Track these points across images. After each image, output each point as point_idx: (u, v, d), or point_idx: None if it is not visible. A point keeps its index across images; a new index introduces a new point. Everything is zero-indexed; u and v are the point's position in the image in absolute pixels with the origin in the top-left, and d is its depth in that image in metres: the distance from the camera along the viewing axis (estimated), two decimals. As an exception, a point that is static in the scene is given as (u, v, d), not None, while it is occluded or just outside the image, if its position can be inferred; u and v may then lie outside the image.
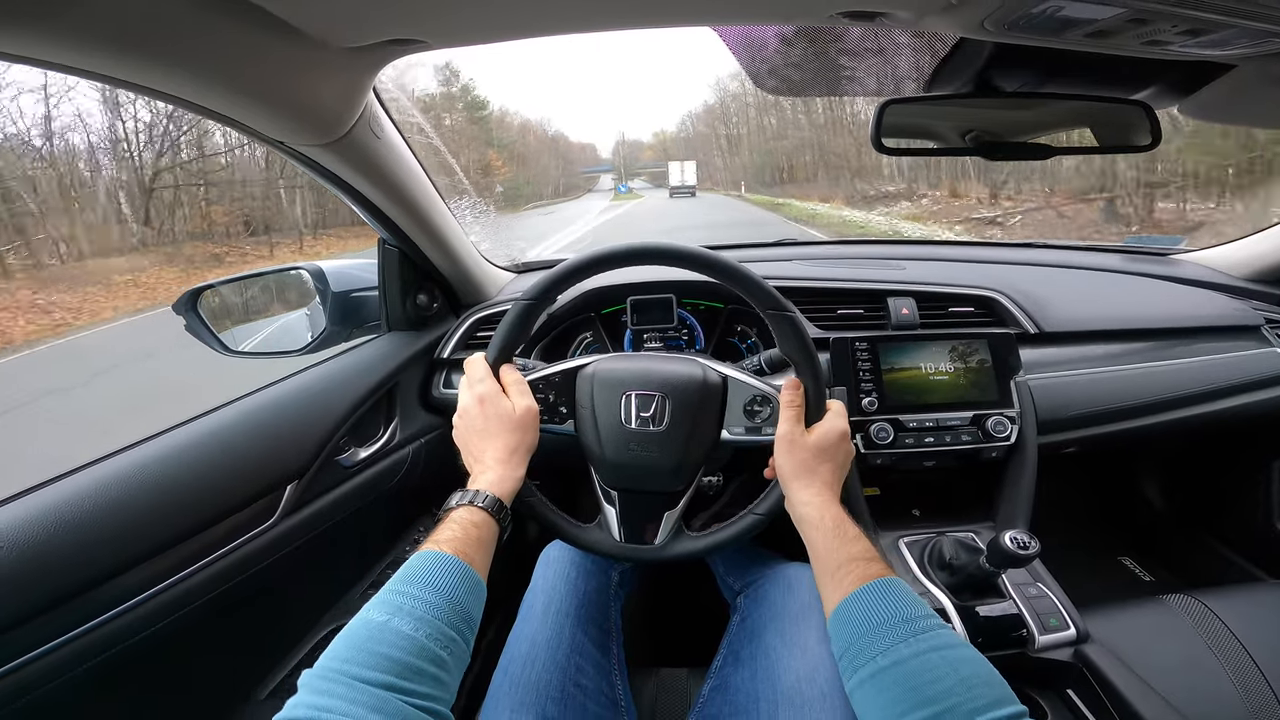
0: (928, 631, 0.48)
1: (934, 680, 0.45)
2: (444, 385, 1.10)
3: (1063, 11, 0.41)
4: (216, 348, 0.99)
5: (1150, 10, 0.38)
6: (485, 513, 0.58)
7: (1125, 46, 0.48)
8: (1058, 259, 1.23)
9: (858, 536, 0.59)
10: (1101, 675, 0.78)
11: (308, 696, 0.40)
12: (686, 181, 35.08)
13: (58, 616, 0.59)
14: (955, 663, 0.46)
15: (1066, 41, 0.47)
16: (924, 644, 0.47)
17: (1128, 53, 0.50)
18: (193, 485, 0.72)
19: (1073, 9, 0.40)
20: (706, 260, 0.67)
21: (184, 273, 14.11)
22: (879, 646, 0.48)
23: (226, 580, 0.74)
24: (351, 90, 0.68)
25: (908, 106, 0.64)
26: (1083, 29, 0.44)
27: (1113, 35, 0.45)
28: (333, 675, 0.41)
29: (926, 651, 0.47)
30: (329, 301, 1.00)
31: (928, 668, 0.46)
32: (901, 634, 0.48)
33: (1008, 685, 0.45)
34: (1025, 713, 0.43)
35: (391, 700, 0.40)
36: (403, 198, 0.89)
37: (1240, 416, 1.06)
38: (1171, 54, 0.49)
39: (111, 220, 16.01)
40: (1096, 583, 0.87)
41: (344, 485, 0.92)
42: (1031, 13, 0.42)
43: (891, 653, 0.47)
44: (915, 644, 0.47)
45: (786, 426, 0.66)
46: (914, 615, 0.50)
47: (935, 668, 0.45)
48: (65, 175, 16.49)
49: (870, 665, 0.48)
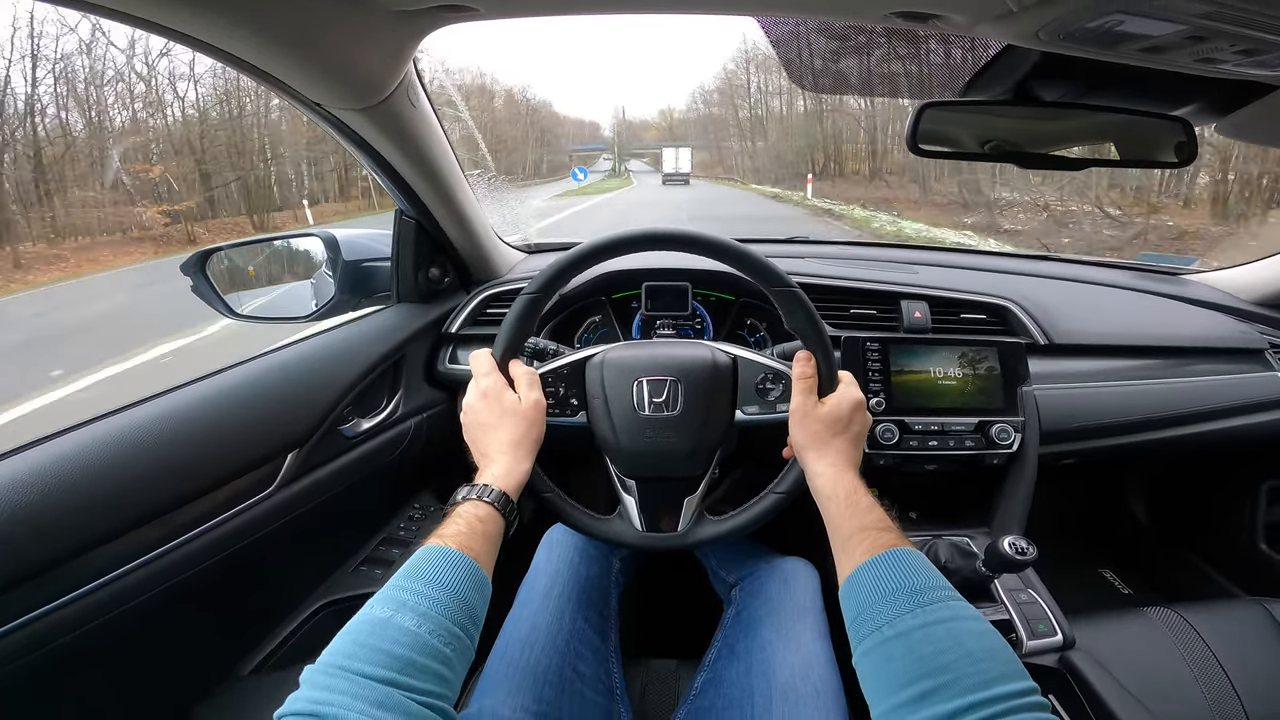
0: (937, 603, 0.47)
1: (938, 652, 0.43)
2: (449, 360, 1.09)
3: (1121, 26, 0.40)
4: (221, 310, 0.97)
5: (1213, 29, 0.37)
6: (491, 507, 0.57)
7: (1176, 63, 0.47)
8: (1070, 272, 1.23)
9: (871, 506, 0.58)
10: (1085, 681, 0.80)
11: (309, 692, 0.39)
12: (680, 168, 34.50)
13: (44, 584, 0.56)
14: (961, 635, 0.44)
15: (1118, 55, 0.46)
16: (931, 615, 0.46)
17: (1176, 69, 0.49)
18: (192, 450, 0.70)
19: (1132, 24, 0.40)
20: (711, 243, 0.67)
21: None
22: (885, 616, 0.47)
23: (219, 550, 0.72)
24: (395, 55, 0.66)
25: (946, 110, 0.64)
26: (1138, 44, 0.43)
27: (1167, 51, 0.44)
28: (335, 671, 0.40)
29: (933, 623, 0.45)
30: (339, 269, 0.99)
31: (932, 639, 0.44)
32: (909, 605, 0.47)
33: (1018, 660, 0.43)
34: (1034, 690, 0.41)
35: (395, 696, 0.39)
36: (429, 169, 0.88)
37: (1236, 437, 1.08)
38: (1220, 72, 0.49)
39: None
40: (1076, 592, 0.88)
41: (344, 456, 0.91)
42: (1088, 26, 0.42)
43: (897, 623, 0.46)
44: (922, 615, 0.46)
45: (799, 399, 0.65)
46: (923, 586, 0.48)
47: (940, 639, 0.44)
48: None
49: (876, 635, 0.47)
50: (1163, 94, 0.61)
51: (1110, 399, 1.03)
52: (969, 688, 0.40)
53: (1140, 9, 0.36)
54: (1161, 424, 1.04)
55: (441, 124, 0.87)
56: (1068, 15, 0.39)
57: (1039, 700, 0.40)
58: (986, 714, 0.39)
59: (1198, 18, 0.36)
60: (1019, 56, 0.56)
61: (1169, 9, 0.36)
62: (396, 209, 0.98)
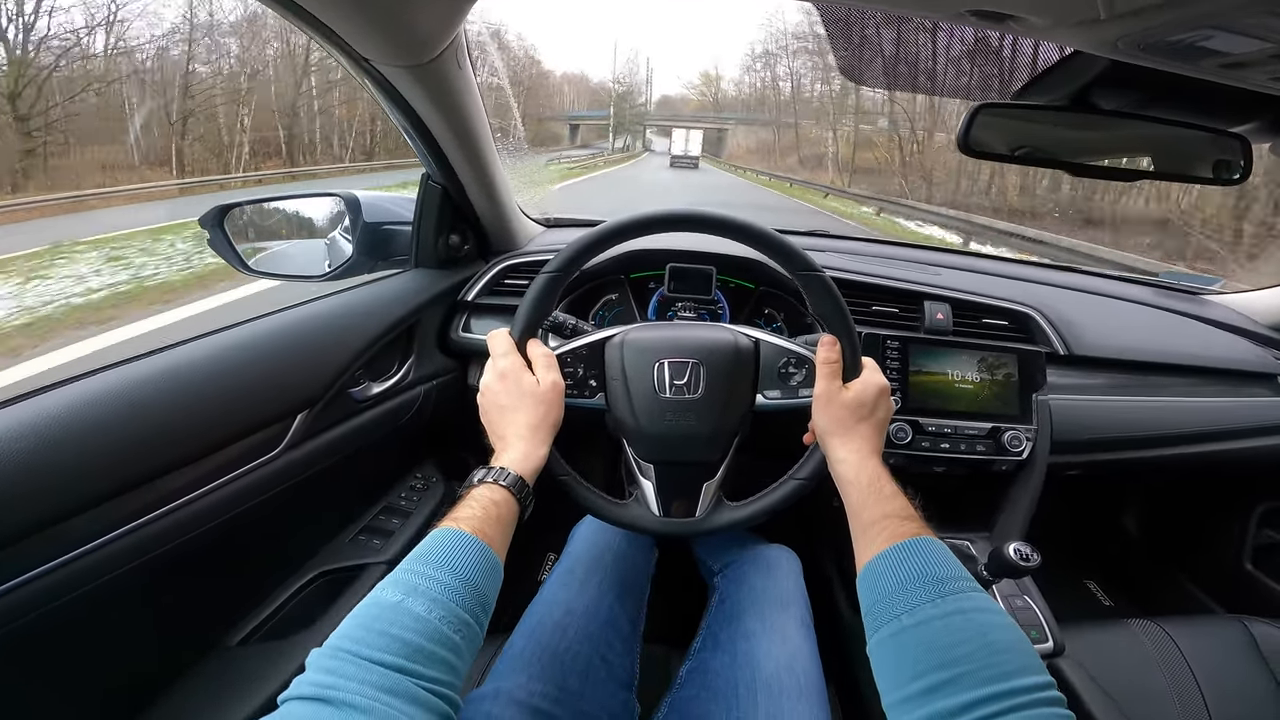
0: (958, 593, 0.46)
1: (957, 643, 0.42)
2: (463, 329, 1.08)
3: (1208, 41, 0.39)
4: (237, 265, 0.96)
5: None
6: (507, 491, 0.55)
7: (1250, 80, 0.46)
8: (1093, 285, 1.23)
9: (895, 494, 0.57)
10: (1071, 689, 0.82)
11: (315, 675, 0.38)
12: (690, 151, 33.91)
13: (28, 549, 0.52)
14: (983, 627, 0.43)
15: (1194, 69, 0.45)
16: (951, 605, 0.45)
17: (1248, 86, 0.48)
18: (198, 407, 0.66)
19: (1219, 40, 0.38)
20: (737, 226, 0.66)
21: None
22: (903, 605, 0.46)
23: (220, 514, 0.69)
24: (451, 13, 0.64)
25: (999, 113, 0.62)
26: (1218, 60, 0.42)
27: (1245, 68, 0.43)
28: (343, 655, 0.39)
29: (953, 613, 0.44)
30: (359, 231, 0.97)
31: (952, 629, 0.43)
32: (929, 594, 0.46)
33: (1036, 655, 0.43)
34: (1051, 684, 0.40)
35: (403, 683, 0.39)
36: (464, 134, 0.86)
37: (1239, 459, 1.09)
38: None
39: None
40: (1061, 601, 0.89)
41: (353, 420, 0.89)
42: (1171, 39, 0.40)
43: (917, 612, 0.45)
44: (942, 605, 0.45)
45: (824, 384, 0.64)
46: (945, 575, 0.47)
47: (960, 630, 0.43)
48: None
49: (893, 624, 0.46)
50: (1225, 110, 0.60)
51: (1122, 413, 1.03)
52: (988, 679, 0.40)
53: (1236, 26, 0.35)
54: (1170, 441, 1.04)
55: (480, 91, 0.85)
56: (1157, 27, 0.38)
57: (1056, 695, 0.40)
58: (1005, 705, 0.38)
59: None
60: (1083, 64, 0.54)
61: (1265, 27, 0.35)
62: (423, 174, 0.96)
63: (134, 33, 19.81)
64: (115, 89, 19.99)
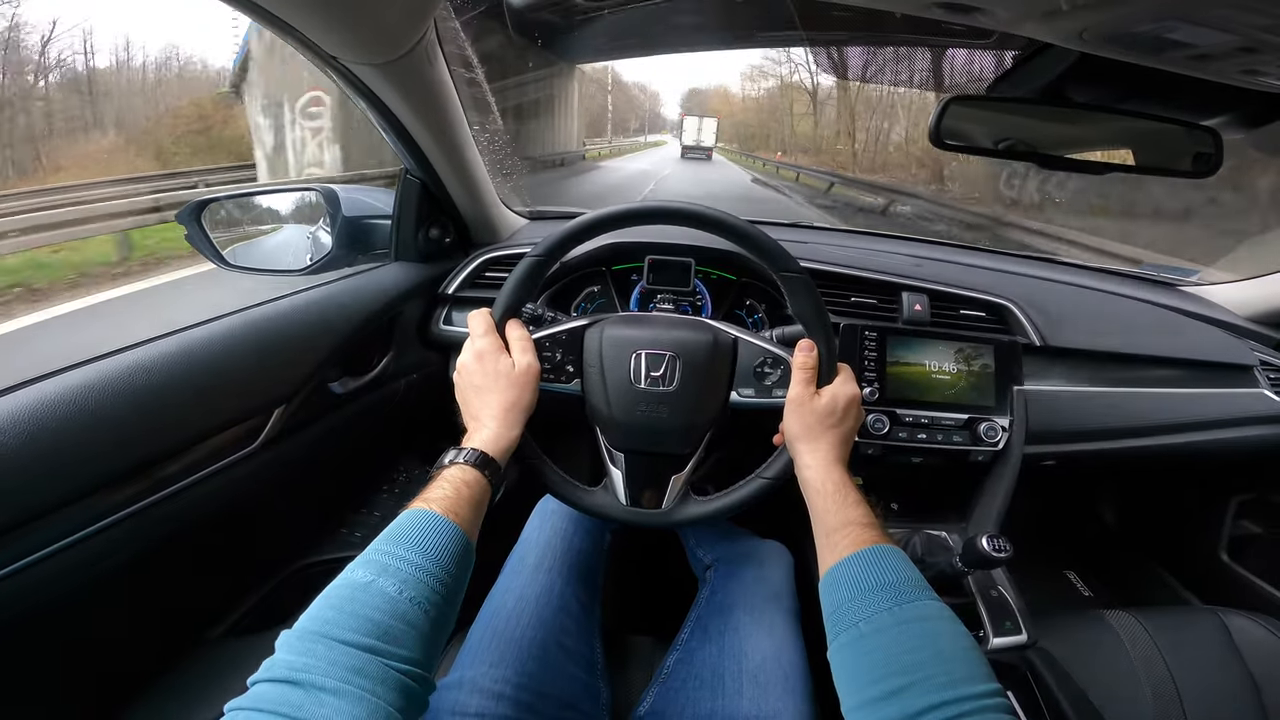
0: (913, 602, 0.47)
1: (909, 650, 0.44)
2: (444, 322, 1.08)
3: (1172, 33, 0.39)
4: (214, 259, 0.95)
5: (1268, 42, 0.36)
6: (478, 472, 0.56)
7: (1220, 73, 0.46)
8: (1071, 277, 1.23)
9: (858, 502, 0.58)
10: (1043, 681, 0.82)
11: (286, 657, 0.38)
12: (703, 141, 33.32)
13: (3, 544, 0.51)
14: (934, 635, 0.45)
15: (1161, 62, 0.45)
16: (907, 614, 0.47)
17: (1217, 79, 0.48)
18: (174, 402, 0.65)
19: (1184, 32, 0.38)
20: (720, 221, 0.66)
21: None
22: (862, 613, 0.48)
23: (196, 509, 0.69)
24: (420, 10, 0.63)
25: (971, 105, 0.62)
26: (1185, 51, 0.42)
27: (1213, 61, 0.43)
28: (313, 637, 0.39)
29: (909, 621, 0.46)
30: (338, 225, 0.96)
31: (906, 637, 0.45)
32: (887, 601, 0.47)
33: (986, 663, 0.44)
34: (998, 690, 0.42)
35: (373, 663, 0.39)
36: (440, 130, 0.86)
37: (1216, 450, 1.10)
38: (1260, 84, 0.48)
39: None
40: (1039, 592, 0.90)
41: (332, 414, 0.89)
42: (1136, 30, 0.40)
43: (874, 620, 0.47)
44: (898, 613, 0.47)
45: (798, 389, 0.65)
46: (901, 584, 0.49)
47: (914, 638, 0.45)
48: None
49: (851, 631, 0.48)
50: (1196, 103, 0.60)
51: (1097, 404, 1.04)
52: (937, 687, 0.41)
53: (1200, 18, 0.35)
54: (1146, 432, 1.05)
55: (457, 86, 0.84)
56: (1120, 19, 0.38)
57: (1001, 702, 0.42)
58: (952, 713, 0.40)
59: (1256, 30, 0.35)
60: (1053, 56, 0.55)
61: (1229, 20, 0.35)
62: (402, 168, 0.95)
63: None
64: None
